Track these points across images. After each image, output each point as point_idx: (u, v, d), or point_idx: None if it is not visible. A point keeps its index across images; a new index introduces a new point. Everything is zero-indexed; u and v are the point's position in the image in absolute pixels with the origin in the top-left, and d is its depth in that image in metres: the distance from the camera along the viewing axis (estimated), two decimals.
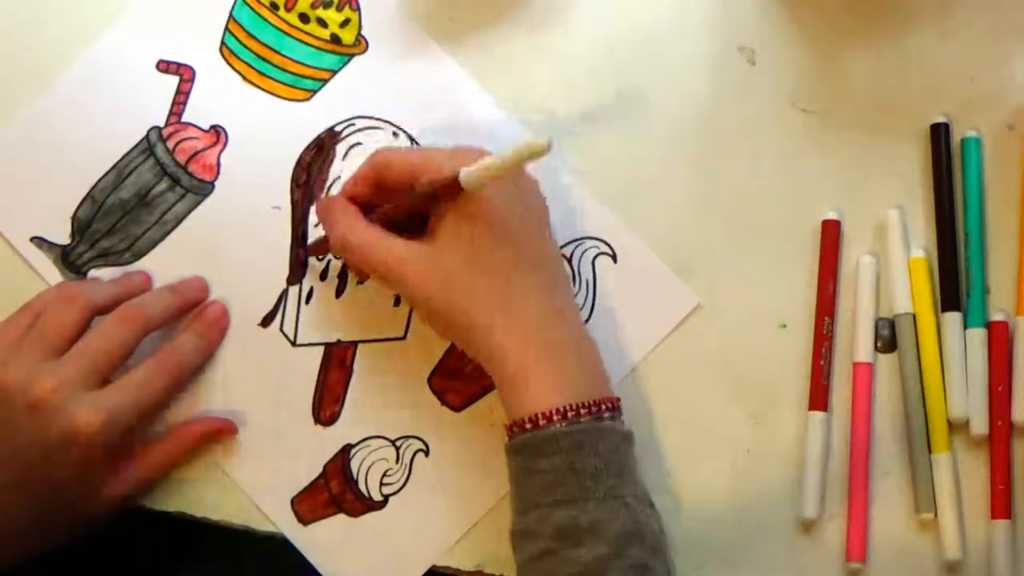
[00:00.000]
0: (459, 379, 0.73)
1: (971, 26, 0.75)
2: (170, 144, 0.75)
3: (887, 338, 0.72)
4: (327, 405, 0.74)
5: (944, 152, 0.73)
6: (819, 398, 0.71)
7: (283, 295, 0.75)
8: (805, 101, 0.75)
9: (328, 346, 0.74)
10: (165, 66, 0.76)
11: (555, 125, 0.65)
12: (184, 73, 0.76)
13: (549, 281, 0.67)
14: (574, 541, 0.61)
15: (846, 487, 0.71)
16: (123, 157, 0.75)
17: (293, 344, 0.74)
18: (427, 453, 0.73)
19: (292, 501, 0.73)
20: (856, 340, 0.72)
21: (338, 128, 0.76)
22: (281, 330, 0.74)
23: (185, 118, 0.76)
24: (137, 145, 0.76)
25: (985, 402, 0.70)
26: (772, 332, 0.73)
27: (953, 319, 0.71)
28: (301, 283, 0.75)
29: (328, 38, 0.76)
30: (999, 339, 0.71)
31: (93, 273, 0.75)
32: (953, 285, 0.71)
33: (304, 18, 0.76)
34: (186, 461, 0.72)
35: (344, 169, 0.75)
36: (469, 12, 0.77)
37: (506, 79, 0.75)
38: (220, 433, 0.72)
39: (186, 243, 0.75)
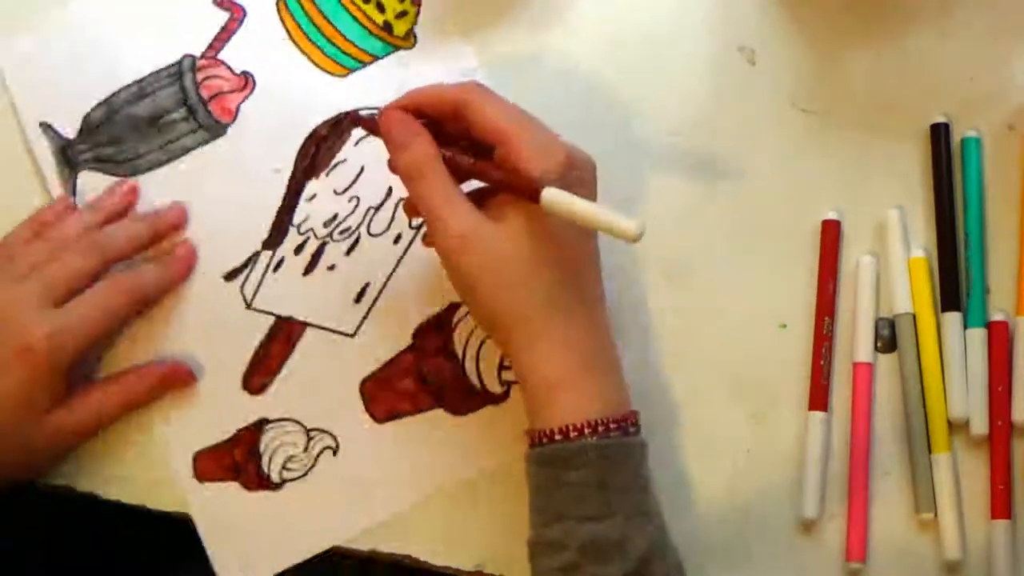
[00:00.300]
0: (390, 392, 0.73)
1: (971, 26, 0.75)
2: (199, 76, 0.76)
3: (887, 338, 0.72)
4: (260, 375, 0.74)
5: (944, 152, 0.73)
6: (819, 398, 0.71)
7: (254, 256, 0.75)
8: (805, 101, 0.75)
9: (279, 318, 0.74)
10: (220, 0, 0.77)
11: (554, 125, 0.65)
12: (235, 12, 0.77)
13: (592, 294, 0.66)
14: (602, 557, 0.61)
15: (846, 487, 0.70)
16: (150, 75, 0.77)
17: (247, 306, 0.74)
18: (335, 452, 0.73)
19: (195, 455, 0.73)
20: (856, 340, 0.72)
21: (362, 113, 0.76)
22: (241, 289, 0.74)
23: (221, 56, 0.77)
24: (167, 68, 0.77)
25: (985, 402, 0.70)
26: (772, 332, 0.73)
27: (953, 319, 0.71)
28: (275, 250, 0.75)
29: (381, 24, 0.77)
30: (999, 339, 0.71)
31: (85, 175, 0.75)
32: (953, 285, 0.71)
33: None
34: (144, 404, 0.73)
35: (352, 155, 0.75)
36: (469, 12, 0.77)
37: (506, 79, 0.75)
38: (177, 376, 0.73)
39: (182, 176, 0.76)
